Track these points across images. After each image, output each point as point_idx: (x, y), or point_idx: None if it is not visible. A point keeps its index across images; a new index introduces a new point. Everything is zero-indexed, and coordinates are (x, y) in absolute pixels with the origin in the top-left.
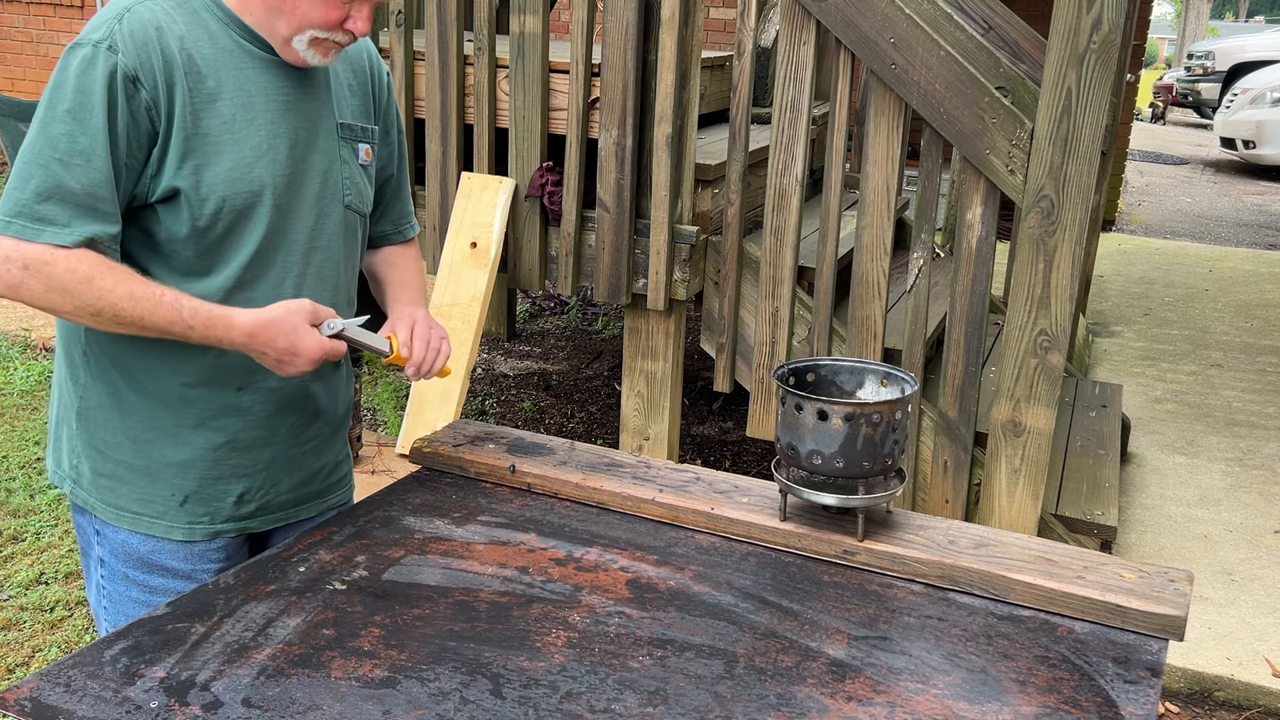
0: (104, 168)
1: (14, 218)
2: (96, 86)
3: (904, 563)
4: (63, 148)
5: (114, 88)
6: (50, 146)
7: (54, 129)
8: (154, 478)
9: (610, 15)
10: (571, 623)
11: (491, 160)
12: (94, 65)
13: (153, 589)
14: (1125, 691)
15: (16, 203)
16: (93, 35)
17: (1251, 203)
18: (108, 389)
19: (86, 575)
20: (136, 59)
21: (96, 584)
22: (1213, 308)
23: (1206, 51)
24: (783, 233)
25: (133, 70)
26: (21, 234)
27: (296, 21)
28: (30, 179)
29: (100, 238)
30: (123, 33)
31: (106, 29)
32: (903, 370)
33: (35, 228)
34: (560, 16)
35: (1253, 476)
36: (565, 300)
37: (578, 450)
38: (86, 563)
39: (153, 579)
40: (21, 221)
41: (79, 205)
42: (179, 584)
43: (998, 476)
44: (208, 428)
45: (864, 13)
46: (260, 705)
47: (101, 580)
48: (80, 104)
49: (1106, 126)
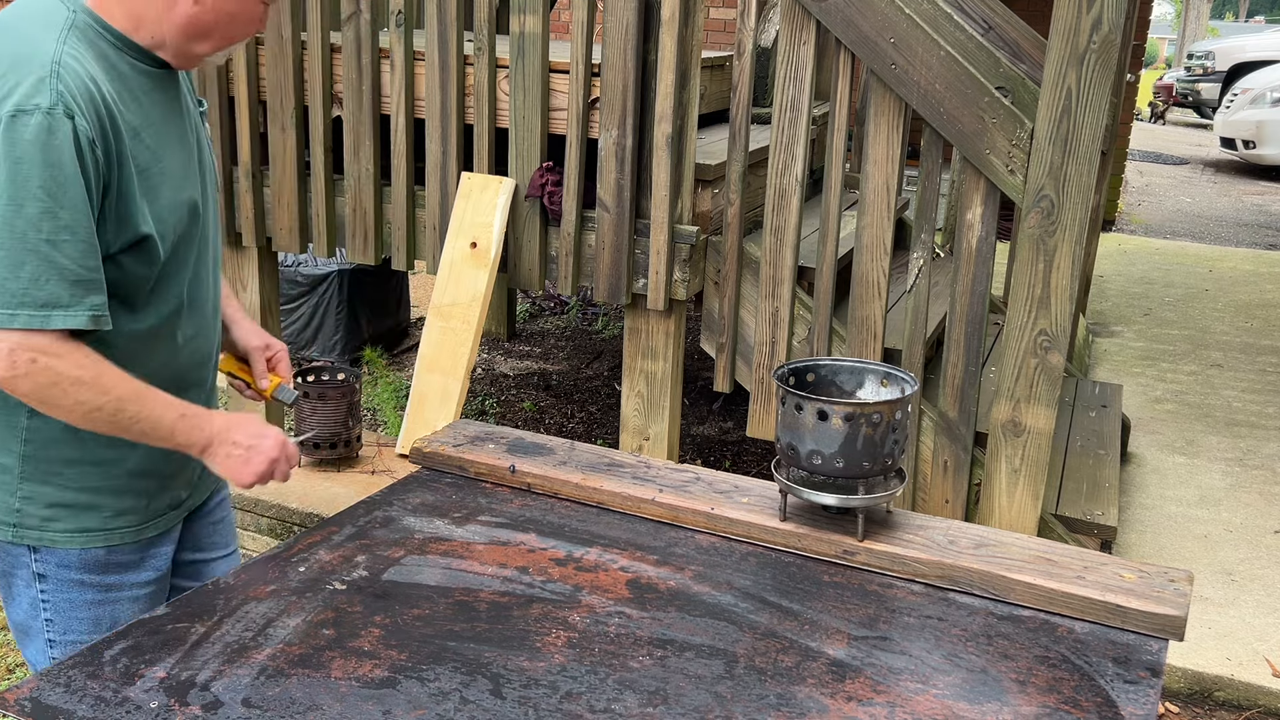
0: (90, 238)
1: (18, 309)
2: (65, 158)
3: (904, 563)
4: (46, 228)
5: (81, 154)
6: (33, 228)
7: (30, 209)
8: (120, 494)
9: (610, 15)
10: (571, 623)
11: (491, 160)
12: (55, 134)
13: (108, 586)
14: (1125, 691)
15: (14, 293)
16: (36, 99)
17: (1251, 203)
18: (58, 424)
19: (11, 597)
20: (91, 119)
21: (31, 601)
22: (1213, 308)
23: (1206, 51)
24: (783, 233)
25: (89, 132)
26: (29, 324)
27: (221, 41)
28: (22, 265)
29: (101, 307)
30: (70, 92)
31: (50, 91)
32: (903, 370)
33: (42, 315)
34: (560, 16)
35: (1253, 476)
36: (565, 300)
37: (578, 450)
38: (10, 583)
39: (108, 578)
40: (27, 311)
41: (77, 281)
42: (132, 576)
43: (998, 476)
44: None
45: (864, 13)
46: (260, 705)
47: (42, 595)
48: (52, 178)
49: (1106, 126)
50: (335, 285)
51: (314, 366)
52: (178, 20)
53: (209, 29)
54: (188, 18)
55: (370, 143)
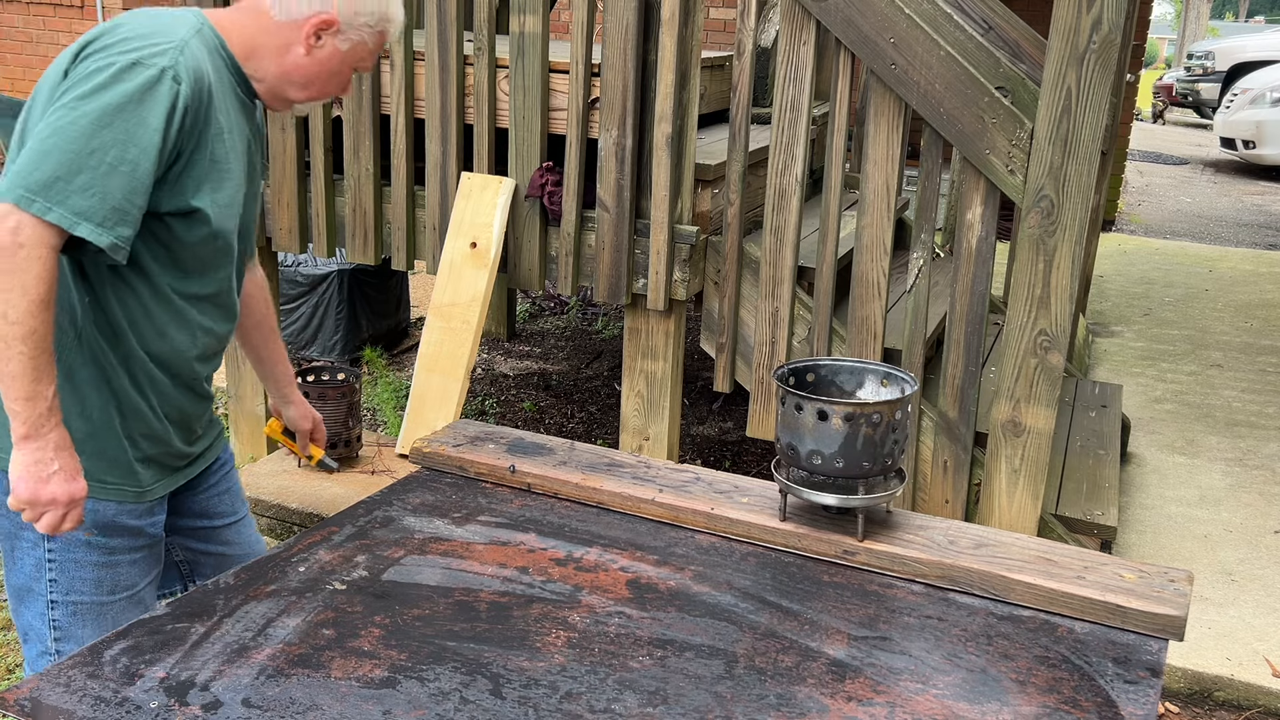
0: (144, 181)
1: (56, 205)
2: (159, 110)
3: (904, 563)
4: (113, 155)
5: (173, 114)
6: (103, 149)
7: (106, 135)
8: (129, 455)
9: (610, 15)
10: (571, 623)
11: (491, 160)
12: (160, 88)
13: (112, 549)
14: (1125, 691)
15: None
16: (156, 59)
17: (1251, 203)
18: (98, 375)
19: (13, 559)
20: (192, 92)
21: (37, 562)
22: (1213, 308)
23: (1206, 51)
24: (783, 233)
25: (187, 102)
26: (59, 221)
27: (315, 94)
28: (79, 172)
29: (126, 241)
30: (185, 66)
31: (170, 58)
32: (903, 370)
33: (72, 219)
34: (560, 16)
35: (1253, 476)
36: (565, 300)
37: (578, 450)
38: (13, 545)
39: (113, 540)
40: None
41: (116, 209)
42: (133, 540)
43: (998, 476)
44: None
45: (864, 13)
46: (260, 705)
47: (49, 555)
48: (140, 121)
49: (1106, 126)
50: (335, 285)
51: (314, 366)
52: (286, 65)
53: (309, 81)
54: (294, 65)
55: (370, 143)
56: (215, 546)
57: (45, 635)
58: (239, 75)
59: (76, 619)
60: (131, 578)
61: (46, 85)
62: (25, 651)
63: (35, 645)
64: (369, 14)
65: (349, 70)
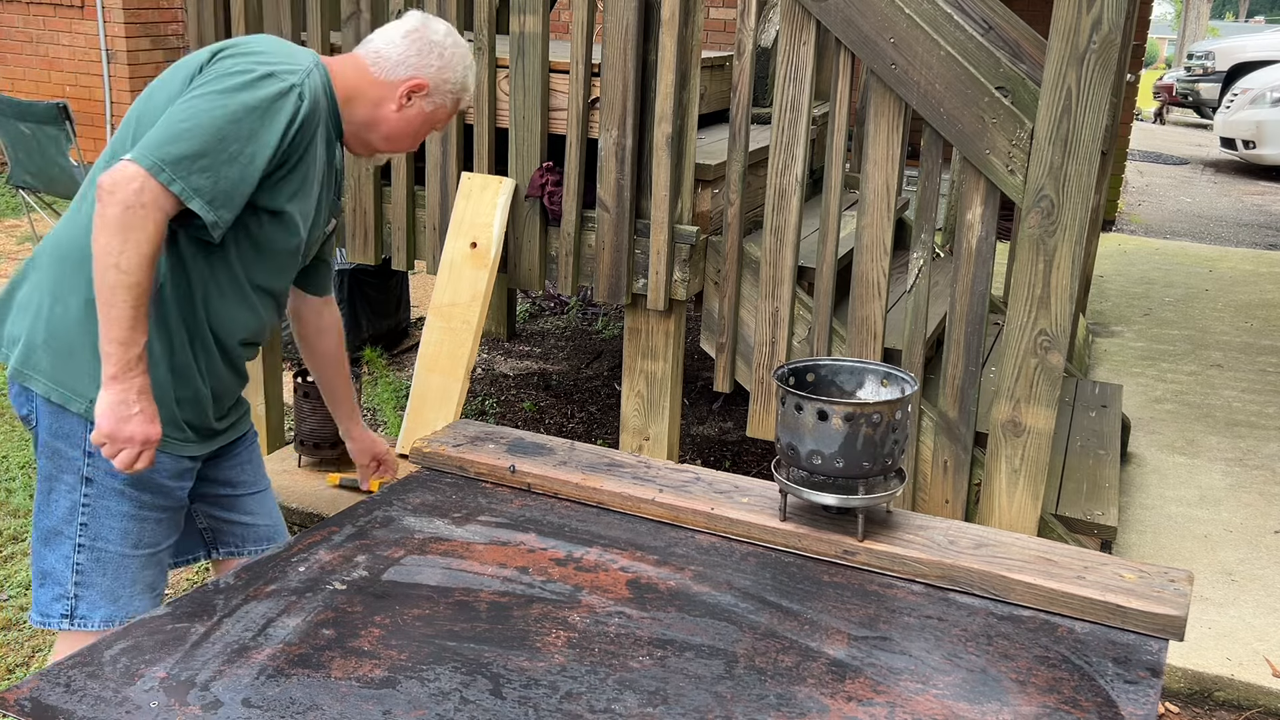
0: (253, 175)
1: (181, 177)
2: (282, 118)
3: (904, 563)
4: (235, 146)
5: (292, 124)
6: (230, 140)
7: (235, 129)
8: (171, 402)
9: (610, 15)
10: (571, 623)
11: (491, 160)
12: (288, 100)
13: (143, 504)
14: (1125, 691)
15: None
16: (289, 76)
17: (1251, 203)
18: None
19: (48, 501)
20: (310, 111)
21: (72, 505)
22: (1213, 308)
23: (1206, 51)
24: (783, 233)
25: (304, 118)
26: (180, 194)
27: (396, 147)
28: (204, 154)
29: (222, 223)
30: (312, 86)
31: (301, 76)
32: (903, 370)
33: (189, 192)
34: (560, 16)
35: (1253, 476)
36: (565, 300)
37: (578, 450)
38: (51, 487)
39: (144, 495)
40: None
41: (225, 192)
42: (162, 499)
43: (998, 476)
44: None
45: (864, 13)
46: (260, 705)
47: (84, 500)
48: (266, 124)
49: (1106, 126)
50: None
51: None
52: (377, 117)
53: (393, 135)
54: (384, 119)
55: None
56: (238, 515)
57: (66, 578)
58: (335, 115)
59: (99, 566)
60: (155, 536)
61: (177, 77)
62: (38, 595)
63: (52, 589)
64: (454, 82)
65: (427, 130)
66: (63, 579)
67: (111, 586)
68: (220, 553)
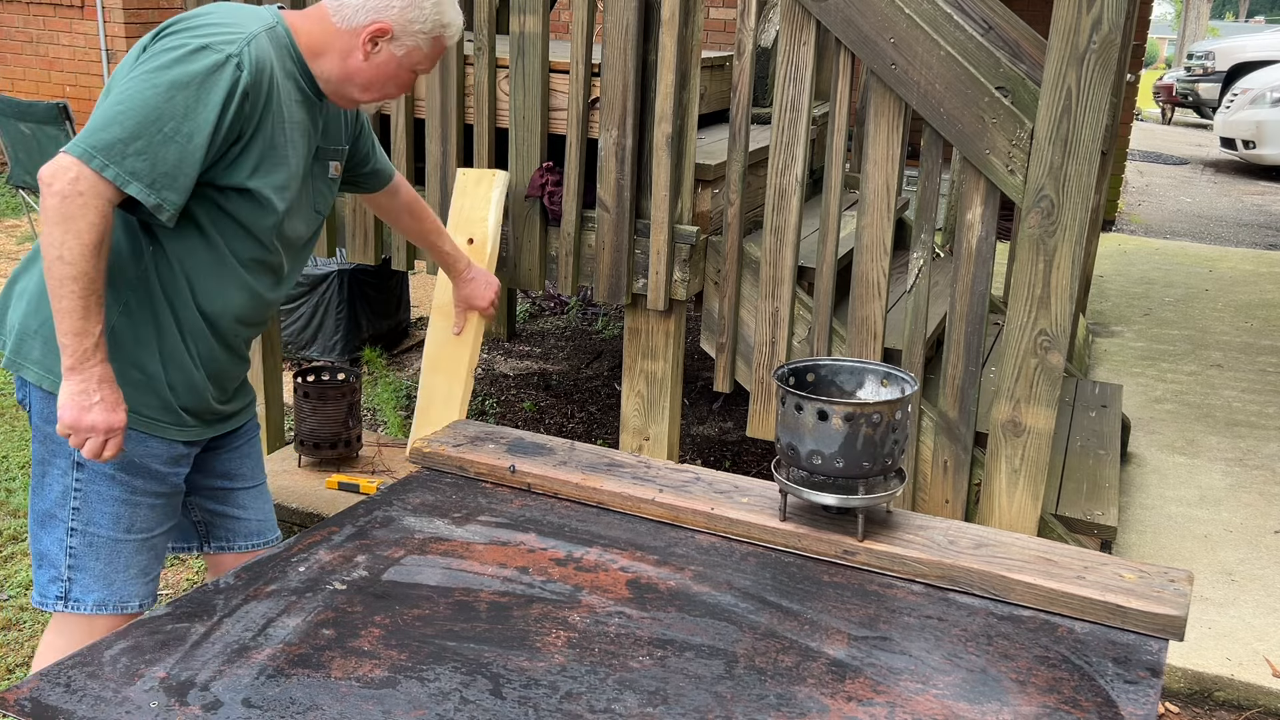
0: (195, 154)
1: (113, 163)
2: (218, 92)
3: (904, 563)
4: (168, 127)
5: (232, 96)
6: (163, 119)
7: (167, 107)
8: (164, 387)
9: (610, 15)
10: (571, 623)
11: (491, 160)
12: (223, 72)
13: (135, 489)
14: (1125, 691)
15: (120, 151)
16: (225, 46)
17: (1251, 203)
18: (151, 316)
19: (42, 484)
20: (255, 79)
21: (64, 489)
22: (1213, 308)
23: (1206, 51)
24: (783, 233)
25: (249, 87)
26: (115, 179)
27: (377, 95)
28: (138, 138)
29: (168, 204)
30: (251, 55)
31: (237, 47)
32: (903, 370)
33: (125, 177)
34: (560, 16)
35: (1253, 476)
36: (565, 300)
37: (578, 450)
38: (44, 470)
39: (136, 480)
40: (118, 168)
41: (166, 174)
42: (155, 484)
43: (998, 476)
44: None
45: (864, 13)
46: (260, 705)
47: (76, 484)
48: (201, 99)
49: (1106, 126)
50: (335, 285)
51: (314, 366)
52: (348, 68)
53: (369, 84)
54: (355, 69)
55: None
56: (230, 509)
57: (60, 561)
58: (306, 73)
59: (91, 550)
60: (148, 521)
61: (127, 60)
62: (36, 577)
63: (48, 571)
64: (422, 22)
65: (407, 74)
66: (57, 561)
67: (105, 570)
68: (211, 547)
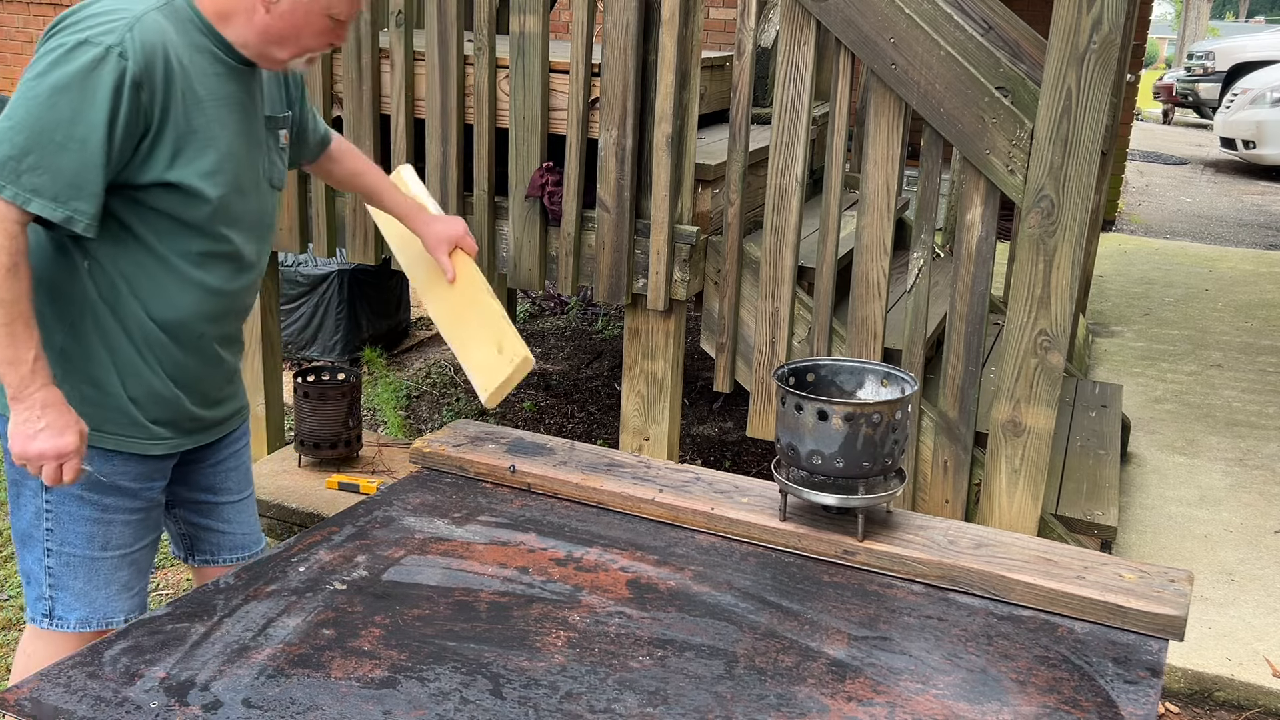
0: (95, 156)
1: (8, 183)
2: (103, 86)
3: (904, 563)
4: (59, 135)
5: (120, 90)
6: (52, 128)
7: (52, 114)
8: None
9: (610, 15)
10: (571, 623)
11: (491, 160)
12: (104, 66)
13: (105, 507)
14: (1125, 691)
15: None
16: (104, 38)
17: (1251, 203)
18: (99, 334)
19: (18, 506)
20: (145, 66)
21: (36, 510)
22: (1213, 308)
23: (1206, 51)
24: (783, 233)
25: (139, 76)
26: (14, 199)
27: (297, 49)
28: (29, 152)
29: (80, 215)
30: (134, 42)
31: (118, 35)
32: (903, 370)
33: (26, 195)
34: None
35: (1253, 476)
36: (565, 300)
37: (578, 450)
38: (18, 492)
39: (106, 498)
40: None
41: (69, 184)
42: (128, 501)
43: (998, 476)
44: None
45: (864, 13)
46: (260, 705)
47: (46, 505)
48: (84, 98)
49: (1106, 126)
50: (335, 285)
51: (314, 366)
52: (257, 27)
53: (283, 38)
54: (264, 25)
55: (370, 143)
56: (215, 523)
57: (41, 580)
58: (221, 43)
59: (69, 569)
60: (124, 537)
61: None
62: (26, 593)
63: (35, 588)
64: None
65: (320, 20)
66: (39, 580)
67: (84, 589)
68: (195, 560)
